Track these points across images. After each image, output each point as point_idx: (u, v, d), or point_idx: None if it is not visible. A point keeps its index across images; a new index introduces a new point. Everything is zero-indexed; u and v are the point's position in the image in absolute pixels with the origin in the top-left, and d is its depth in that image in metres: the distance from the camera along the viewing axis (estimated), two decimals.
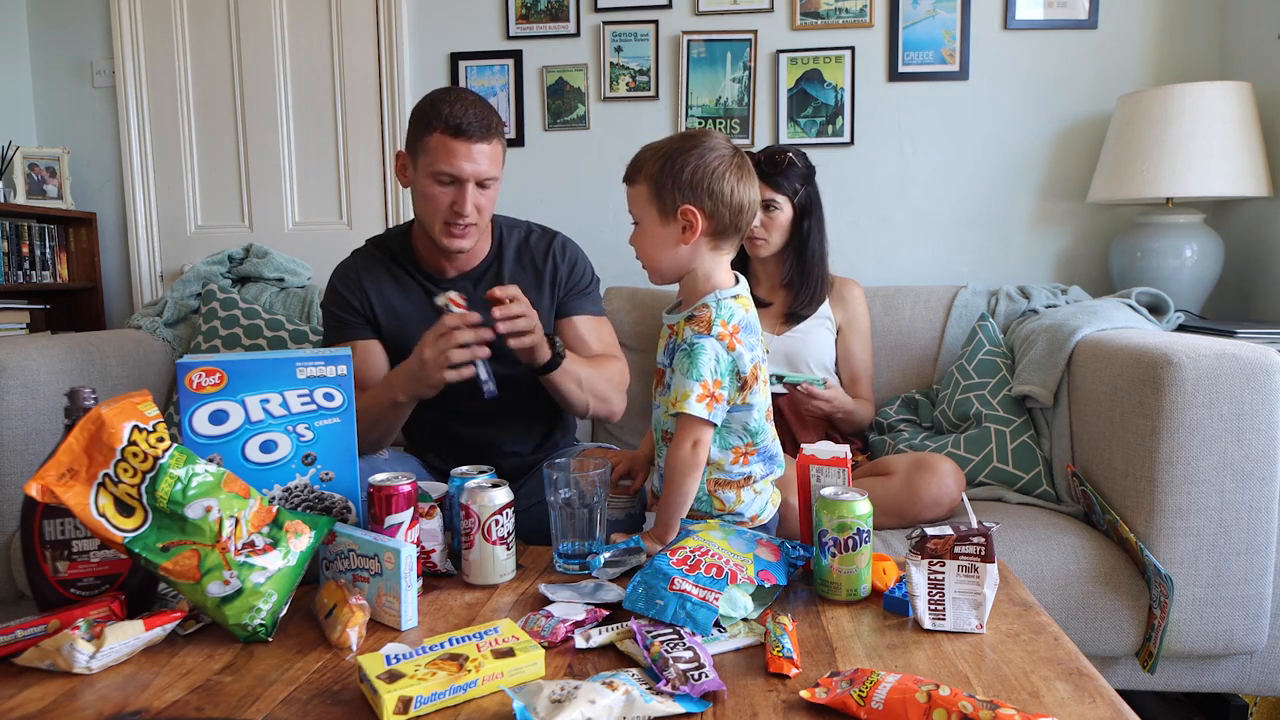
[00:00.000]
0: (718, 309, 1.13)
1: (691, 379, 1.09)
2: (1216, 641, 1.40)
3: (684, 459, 1.11)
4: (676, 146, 1.13)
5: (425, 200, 1.39)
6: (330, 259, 1.62)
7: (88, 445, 0.88)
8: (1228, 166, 1.92)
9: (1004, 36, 2.30)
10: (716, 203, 1.11)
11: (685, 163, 1.11)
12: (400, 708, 0.75)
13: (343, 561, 1.00)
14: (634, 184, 1.16)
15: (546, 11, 2.42)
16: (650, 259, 1.18)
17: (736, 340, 1.12)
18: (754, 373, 1.14)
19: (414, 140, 1.39)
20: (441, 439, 1.55)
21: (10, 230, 2.40)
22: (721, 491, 1.18)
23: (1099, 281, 2.29)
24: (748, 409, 1.15)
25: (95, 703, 0.80)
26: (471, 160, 1.35)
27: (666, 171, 1.12)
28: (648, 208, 1.15)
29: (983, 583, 0.92)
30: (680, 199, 1.12)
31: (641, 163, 1.15)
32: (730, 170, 1.12)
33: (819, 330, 1.87)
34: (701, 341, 1.10)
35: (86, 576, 0.98)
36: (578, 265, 1.56)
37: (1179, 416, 1.35)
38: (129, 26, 2.57)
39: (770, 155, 1.80)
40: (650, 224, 1.15)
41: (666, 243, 1.14)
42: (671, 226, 1.13)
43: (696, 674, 0.78)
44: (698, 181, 1.11)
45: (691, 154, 1.11)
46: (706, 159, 1.11)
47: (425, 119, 1.36)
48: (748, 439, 1.17)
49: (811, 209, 1.83)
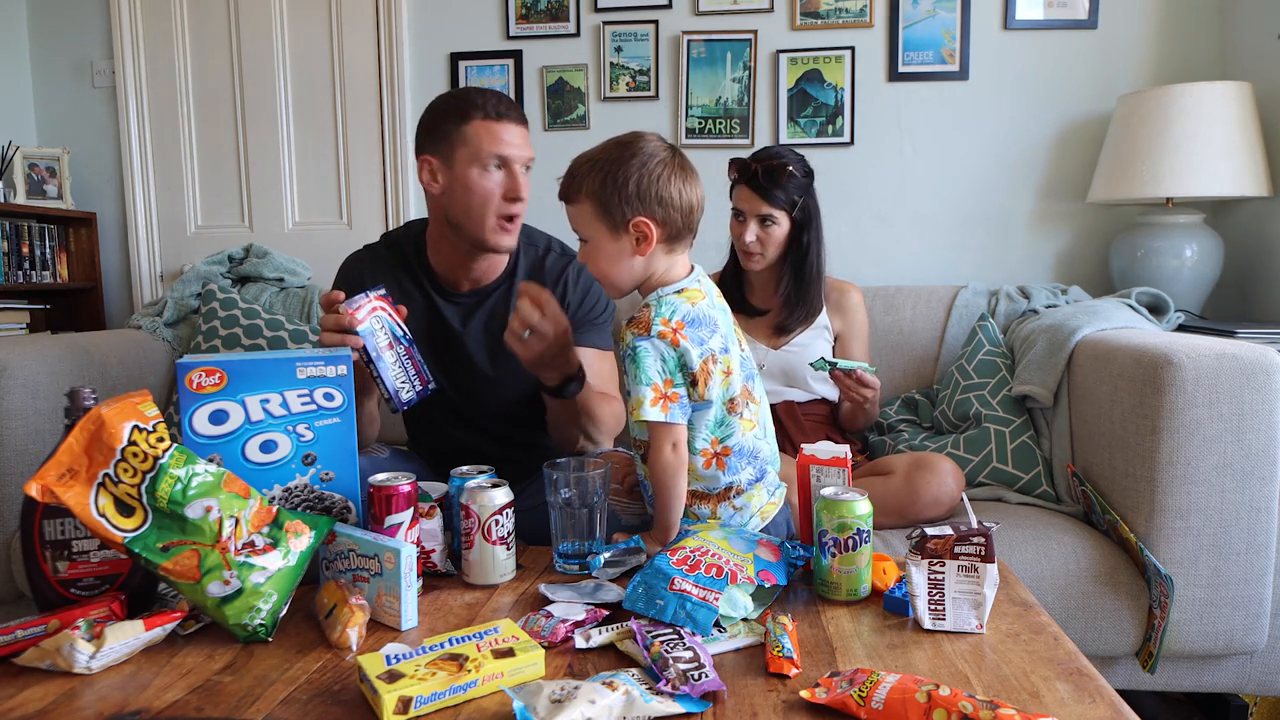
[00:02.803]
0: (658, 307, 1.09)
1: (642, 385, 1.06)
2: (1216, 641, 1.40)
3: (666, 463, 1.08)
4: (613, 156, 1.08)
5: (472, 193, 1.33)
6: (330, 259, 1.62)
7: (88, 445, 0.88)
8: (1228, 166, 1.92)
9: (1004, 36, 2.30)
10: (667, 209, 1.08)
11: (628, 174, 1.06)
12: (400, 708, 0.75)
13: (343, 561, 1.00)
14: (575, 202, 1.11)
15: (546, 11, 2.42)
16: (605, 275, 1.13)
17: (680, 336, 1.07)
18: (704, 367, 1.08)
19: (444, 137, 1.34)
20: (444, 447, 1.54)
21: (10, 230, 2.40)
22: (698, 507, 1.14)
23: (1099, 281, 2.29)
24: (706, 405, 1.10)
25: (95, 703, 0.80)
26: (517, 144, 1.32)
27: (610, 186, 1.07)
28: (595, 224, 1.10)
29: (983, 583, 0.92)
30: (630, 212, 1.07)
31: (579, 178, 1.10)
32: (674, 172, 1.08)
33: (817, 342, 1.81)
34: (642, 344, 1.07)
35: (86, 576, 0.98)
36: (590, 294, 1.50)
37: (1179, 416, 1.35)
38: (129, 26, 2.57)
39: (768, 167, 1.68)
40: (600, 240, 1.10)
41: (621, 257, 1.10)
42: (624, 240, 1.09)
43: (696, 674, 0.78)
44: (645, 190, 1.06)
45: (632, 163, 1.06)
46: (649, 166, 1.06)
47: (457, 111, 1.32)
48: (713, 436, 1.12)
49: (810, 221, 1.73)
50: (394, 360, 1.22)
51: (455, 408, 1.47)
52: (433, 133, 1.35)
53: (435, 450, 1.55)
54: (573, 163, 1.12)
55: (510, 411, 1.51)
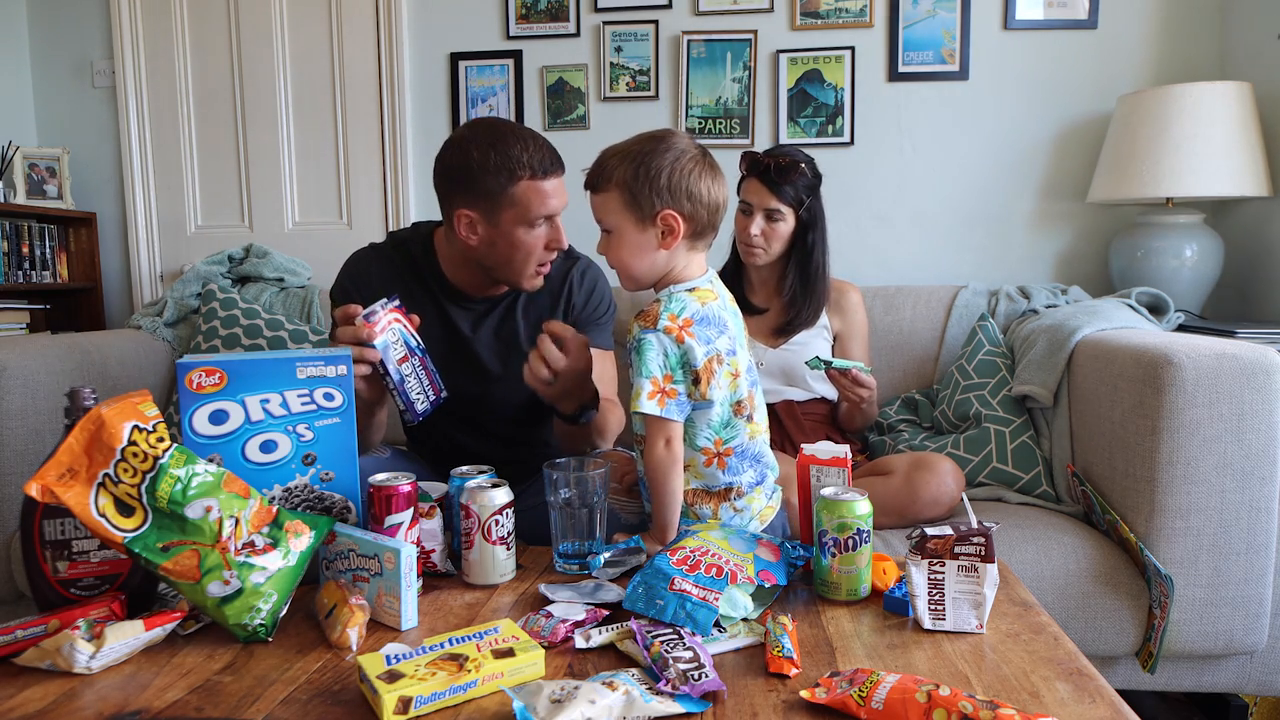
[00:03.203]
0: (668, 302, 1.10)
1: (642, 376, 1.07)
2: (1216, 641, 1.40)
3: (659, 459, 1.09)
4: (646, 149, 1.09)
5: (517, 249, 1.32)
6: (330, 259, 1.62)
7: (88, 445, 0.88)
8: (1228, 166, 1.92)
9: (1004, 36, 2.30)
10: (695, 204, 1.09)
11: (660, 166, 1.07)
12: (400, 708, 0.75)
13: (343, 561, 1.00)
14: (602, 191, 1.12)
15: (546, 11, 2.42)
16: (626, 266, 1.13)
17: (687, 333, 1.08)
18: (708, 366, 1.09)
19: (485, 194, 1.29)
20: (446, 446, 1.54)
21: (10, 230, 2.40)
22: (700, 506, 1.15)
23: (1099, 281, 2.29)
24: (707, 405, 1.11)
25: (95, 703, 0.80)
26: (559, 195, 1.32)
27: (641, 176, 1.08)
28: (622, 214, 1.10)
29: (983, 583, 0.92)
30: (659, 204, 1.08)
31: (608, 168, 1.10)
32: (704, 170, 1.09)
33: (816, 341, 1.81)
34: (647, 337, 1.08)
35: (86, 576, 0.98)
36: (595, 293, 1.51)
37: (1179, 416, 1.35)
38: (129, 26, 2.57)
39: (779, 162, 1.68)
40: (626, 231, 1.11)
41: (645, 249, 1.11)
42: (650, 232, 1.10)
43: (696, 674, 0.78)
44: (675, 184, 1.07)
45: (665, 156, 1.08)
46: (681, 160, 1.08)
47: (503, 171, 1.27)
48: (716, 436, 1.13)
49: (816, 222, 1.74)
50: (410, 372, 1.23)
51: (460, 411, 1.48)
52: (471, 188, 1.30)
53: (437, 450, 1.55)
54: (602, 153, 1.13)
55: (516, 414, 1.51)
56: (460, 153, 1.30)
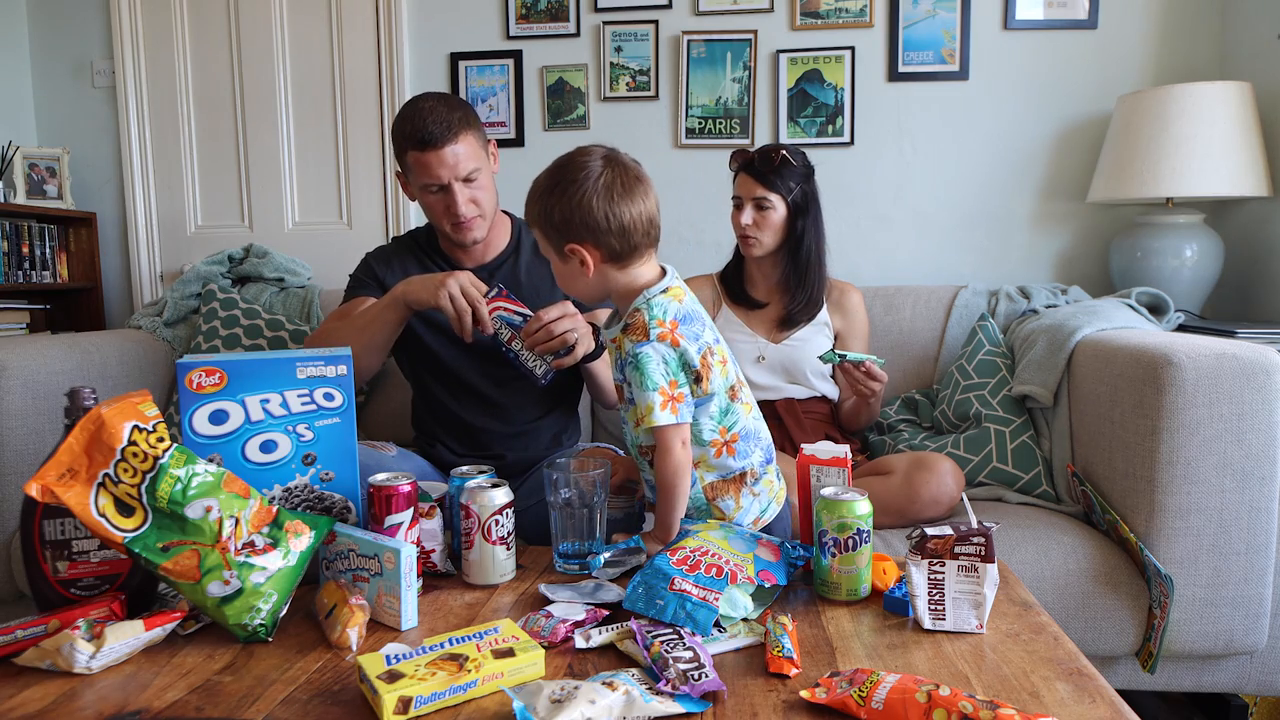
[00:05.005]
0: (649, 310, 1.10)
1: (649, 390, 1.07)
2: (1216, 641, 1.40)
3: (679, 462, 1.09)
4: (545, 186, 1.10)
5: (426, 209, 1.50)
6: (330, 259, 1.63)
7: (88, 445, 0.88)
8: (1228, 166, 1.92)
9: (1004, 36, 2.30)
10: (597, 234, 1.08)
11: (553, 206, 1.09)
12: (400, 708, 0.75)
13: (343, 561, 1.00)
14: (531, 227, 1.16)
15: (546, 11, 2.42)
16: (567, 291, 1.18)
17: (678, 335, 1.09)
18: (704, 361, 1.10)
19: (398, 159, 1.48)
20: (451, 429, 1.58)
21: (10, 230, 2.40)
22: (721, 500, 1.15)
23: (1099, 281, 2.29)
24: (708, 399, 1.12)
25: (95, 703, 0.80)
26: (445, 165, 1.41)
27: (544, 217, 1.10)
28: (546, 248, 1.14)
29: (983, 583, 0.92)
30: (564, 240, 1.10)
31: (526, 207, 1.14)
32: (600, 196, 1.07)
33: (817, 338, 1.82)
34: (644, 349, 1.07)
35: (86, 576, 0.98)
36: (537, 246, 1.56)
37: (1179, 416, 1.35)
38: (129, 26, 2.57)
39: (764, 153, 1.75)
40: (555, 262, 1.15)
41: (575, 276, 1.13)
42: (570, 263, 1.11)
43: (696, 674, 0.78)
44: (570, 221, 1.08)
45: (557, 193, 1.08)
46: (571, 196, 1.07)
47: (397, 140, 1.45)
48: (720, 425, 1.13)
49: (807, 208, 1.77)
50: (520, 348, 1.34)
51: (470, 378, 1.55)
52: (397, 157, 1.48)
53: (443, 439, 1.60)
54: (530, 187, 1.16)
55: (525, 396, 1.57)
56: None
